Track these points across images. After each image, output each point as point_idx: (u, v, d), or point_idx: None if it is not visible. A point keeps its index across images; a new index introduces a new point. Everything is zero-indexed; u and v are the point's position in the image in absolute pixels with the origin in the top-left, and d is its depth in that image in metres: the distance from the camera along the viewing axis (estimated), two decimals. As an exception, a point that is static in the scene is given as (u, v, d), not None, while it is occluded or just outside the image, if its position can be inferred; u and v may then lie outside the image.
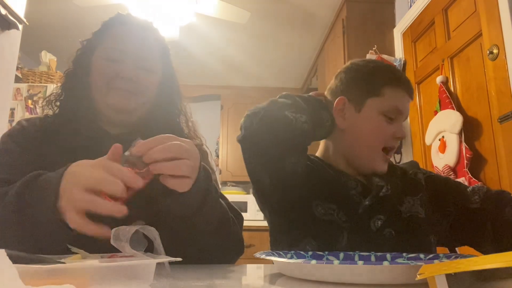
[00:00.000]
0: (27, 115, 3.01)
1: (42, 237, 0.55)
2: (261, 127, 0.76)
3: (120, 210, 0.49)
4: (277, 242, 0.87)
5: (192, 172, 0.57)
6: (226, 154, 4.17)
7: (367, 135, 0.86)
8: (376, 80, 0.87)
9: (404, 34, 2.52)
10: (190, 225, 0.64)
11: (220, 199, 0.70)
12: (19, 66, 3.19)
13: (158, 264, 0.46)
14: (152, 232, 0.47)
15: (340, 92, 0.90)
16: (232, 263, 0.77)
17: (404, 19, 2.50)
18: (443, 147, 1.87)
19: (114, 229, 0.45)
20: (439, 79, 1.99)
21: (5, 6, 1.61)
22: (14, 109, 3.02)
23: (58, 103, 0.86)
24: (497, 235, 0.81)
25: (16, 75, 2.11)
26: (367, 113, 0.86)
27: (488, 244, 0.83)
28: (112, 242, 0.44)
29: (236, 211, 0.78)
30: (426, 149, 2.14)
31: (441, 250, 0.93)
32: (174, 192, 0.57)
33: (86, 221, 0.49)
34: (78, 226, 0.49)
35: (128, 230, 0.45)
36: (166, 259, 0.46)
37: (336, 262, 0.62)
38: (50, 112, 0.86)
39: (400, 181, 0.89)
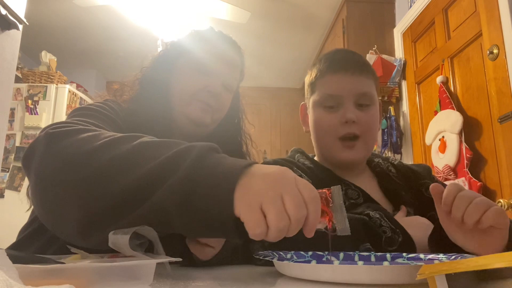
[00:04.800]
0: (27, 115, 3.01)
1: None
2: None
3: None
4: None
5: (217, 242, 0.59)
6: (226, 154, 4.16)
7: (314, 131, 0.88)
8: (312, 79, 0.89)
9: (404, 34, 2.52)
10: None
11: None
12: (19, 66, 3.19)
13: (158, 264, 0.46)
14: (152, 232, 0.47)
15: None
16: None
17: (404, 19, 2.50)
18: (443, 147, 1.87)
19: (112, 231, 0.45)
20: (439, 79, 1.99)
21: (5, 6, 1.61)
22: (14, 109, 3.03)
23: (130, 95, 0.82)
24: None
25: (16, 75, 2.11)
26: (311, 111, 0.89)
27: None
28: (110, 244, 0.44)
29: None
30: (426, 149, 2.14)
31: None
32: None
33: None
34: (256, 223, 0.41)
35: (127, 231, 0.45)
36: (166, 259, 0.46)
37: (336, 262, 0.62)
38: (115, 99, 0.81)
39: (413, 197, 0.85)
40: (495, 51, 1.62)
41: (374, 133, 0.86)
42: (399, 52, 2.56)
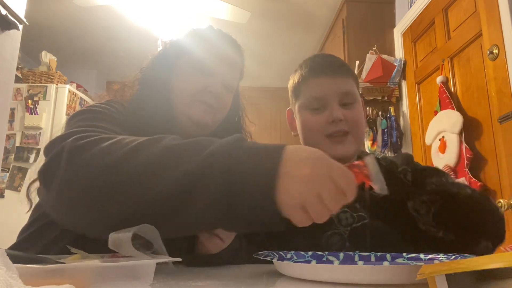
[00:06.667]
0: (27, 115, 3.01)
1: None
2: None
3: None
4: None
5: (228, 237, 0.61)
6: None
7: (303, 133, 0.90)
8: (295, 85, 0.92)
9: (404, 34, 2.52)
10: None
11: None
12: (19, 66, 3.19)
13: (159, 263, 0.46)
14: (153, 232, 0.47)
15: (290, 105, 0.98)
16: None
17: (404, 19, 2.50)
18: (443, 147, 1.87)
19: (112, 233, 0.45)
20: (439, 79, 1.99)
21: (5, 6, 1.61)
22: (14, 109, 3.03)
23: (130, 95, 0.81)
24: None
25: (16, 75, 2.11)
26: (297, 115, 0.91)
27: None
28: (110, 244, 0.44)
29: None
30: (426, 149, 2.14)
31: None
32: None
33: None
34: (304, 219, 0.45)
35: (130, 229, 0.44)
36: (166, 259, 0.46)
37: (336, 262, 0.62)
38: (113, 98, 0.80)
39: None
40: (495, 51, 1.62)
41: (362, 128, 0.90)
42: (399, 52, 2.56)
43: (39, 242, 0.66)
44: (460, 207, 0.75)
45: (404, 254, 0.61)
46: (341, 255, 0.64)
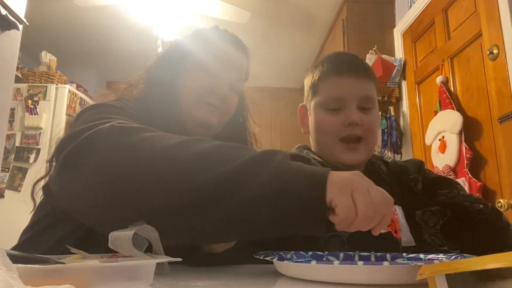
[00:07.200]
0: (27, 115, 3.01)
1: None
2: None
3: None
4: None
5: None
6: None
7: (316, 133, 0.87)
8: (314, 81, 0.89)
9: (404, 34, 2.52)
10: None
11: None
12: (19, 66, 3.19)
13: (158, 264, 0.46)
14: (152, 233, 0.47)
15: (304, 102, 0.95)
16: None
17: (404, 19, 2.50)
18: (443, 147, 1.87)
19: (112, 232, 0.45)
20: (439, 79, 1.99)
21: (5, 6, 1.61)
22: (14, 109, 3.03)
23: (134, 95, 0.80)
24: None
25: (16, 75, 2.11)
26: (312, 112, 0.89)
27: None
28: (110, 244, 0.44)
29: None
30: (426, 149, 2.14)
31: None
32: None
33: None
34: (349, 208, 0.44)
35: (129, 230, 0.44)
36: (166, 259, 0.46)
37: (336, 262, 0.62)
38: (120, 97, 0.79)
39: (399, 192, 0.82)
40: (495, 51, 1.62)
41: (376, 135, 0.87)
42: (399, 52, 2.56)
43: (43, 243, 0.66)
44: (470, 222, 0.72)
45: (404, 254, 0.61)
46: (341, 255, 0.64)
